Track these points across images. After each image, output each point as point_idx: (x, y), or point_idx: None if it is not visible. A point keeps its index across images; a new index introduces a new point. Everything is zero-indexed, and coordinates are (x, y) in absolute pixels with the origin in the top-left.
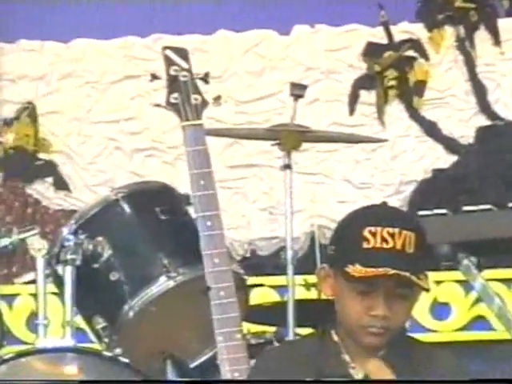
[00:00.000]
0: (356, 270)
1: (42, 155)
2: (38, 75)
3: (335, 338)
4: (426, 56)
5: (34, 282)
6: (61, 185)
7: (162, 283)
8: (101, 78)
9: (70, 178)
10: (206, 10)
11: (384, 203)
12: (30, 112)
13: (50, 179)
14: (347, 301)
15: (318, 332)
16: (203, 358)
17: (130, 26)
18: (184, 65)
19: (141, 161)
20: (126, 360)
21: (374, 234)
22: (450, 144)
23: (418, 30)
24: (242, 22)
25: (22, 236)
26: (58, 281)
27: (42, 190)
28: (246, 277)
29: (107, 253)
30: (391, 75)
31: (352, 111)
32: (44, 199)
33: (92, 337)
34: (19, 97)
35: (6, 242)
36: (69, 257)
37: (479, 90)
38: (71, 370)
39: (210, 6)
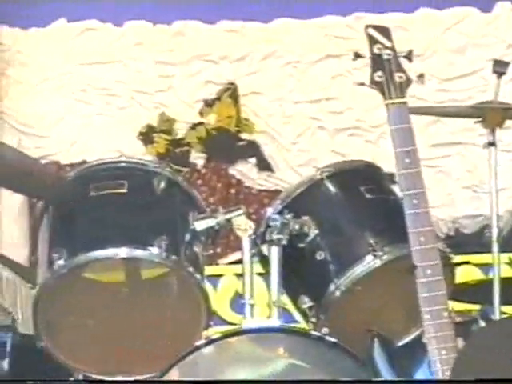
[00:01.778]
0: None
1: (244, 136)
2: (239, 56)
3: None
4: None
5: (238, 262)
6: (264, 165)
7: (369, 262)
8: (302, 58)
9: (273, 159)
10: None
11: None
12: (231, 93)
13: (252, 160)
14: None
15: None
16: (410, 337)
17: (331, 5)
18: (387, 43)
19: (343, 140)
20: (334, 339)
21: None
22: None
23: None
24: (443, 0)
25: (228, 216)
26: (264, 261)
27: (245, 171)
28: (451, 255)
29: (313, 232)
30: None
31: None
32: (247, 180)
33: (297, 317)
34: (221, 78)
35: (212, 222)
36: (275, 236)
37: None
38: (279, 350)
39: None
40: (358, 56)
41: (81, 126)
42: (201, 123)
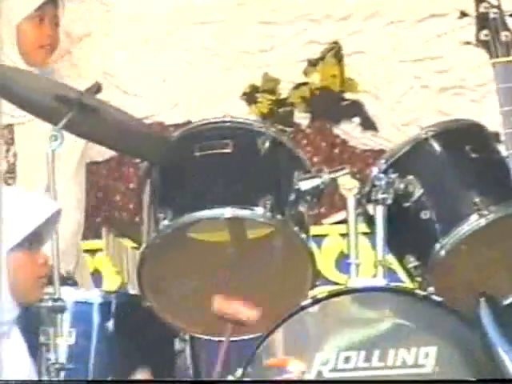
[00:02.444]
0: None
1: (348, 95)
2: (342, 15)
3: None
4: None
5: (342, 222)
6: (368, 125)
7: (474, 221)
8: (406, 17)
9: (377, 118)
10: None
11: None
12: (335, 52)
13: (356, 119)
14: None
15: None
16: None
17: None
18: (493, 2)
19: (448, 99)
20: (439, 299)
21: None
22: None
23: None
24: None
25: (333, 176)
26: (369, 220)
27: (348, 130)
28: None
29: (418, 192)
30: None
31: None
32: (351, 139)
33: (402, 276)
34: (324, 37)
35: (317, 182)
36: (380, 196)
37: None
38: (384, 309)
39: None
40: (463, 15)
41: (184, 87)
42: (304, 83)
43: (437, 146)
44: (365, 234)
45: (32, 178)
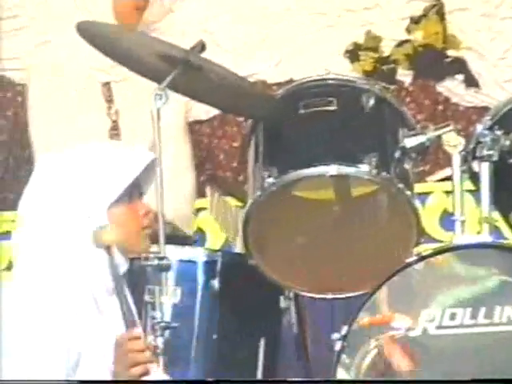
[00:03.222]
0: None
1: (451, 52)
2: None
3: None
4: None
5: (446, 179)
6: (471, 82)
7: None
8: None
9: (480, 75)
10: None
11: None
12: (438, 9)
13: (460, 76)
14: None
15: None
16: None
17: None
18: None
19: None
20: None
21: None
22: None
23: None
24: None
25: (438, 133)
26: (474, 177)
27: (452, 88)
28: None
29: None
30: None
31: None
32: (454, 96)
33: (507, 233)
34: None
35: (422, 139)
36: (485, 153)
37: None
38: (489, 266)
39: None
40: None
41: (286, 45)
42: (407, 40)
43: None
44: (469, 191)
45: (136, 135)
